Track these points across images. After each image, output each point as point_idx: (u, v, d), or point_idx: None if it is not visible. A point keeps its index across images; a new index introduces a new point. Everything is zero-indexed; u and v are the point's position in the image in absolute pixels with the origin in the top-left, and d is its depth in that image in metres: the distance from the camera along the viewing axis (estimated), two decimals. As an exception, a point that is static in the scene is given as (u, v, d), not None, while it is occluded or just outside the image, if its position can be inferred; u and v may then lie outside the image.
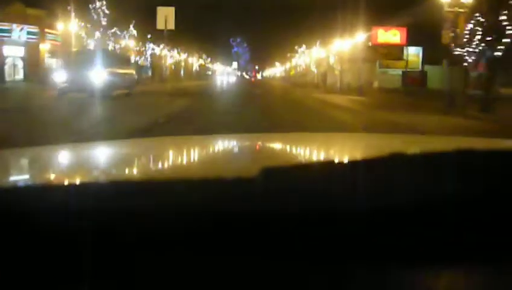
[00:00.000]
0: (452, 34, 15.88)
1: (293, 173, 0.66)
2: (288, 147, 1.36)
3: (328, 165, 0.74)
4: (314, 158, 1.19)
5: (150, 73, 47.09)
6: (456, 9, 14.89)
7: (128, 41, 36.47)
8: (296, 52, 66.32)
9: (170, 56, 54.27)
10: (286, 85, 48.48)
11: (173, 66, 59.06)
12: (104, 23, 29.81)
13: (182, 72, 68.35)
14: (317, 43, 48.06)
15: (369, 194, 0.63)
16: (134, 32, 36.39)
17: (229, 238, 0.61)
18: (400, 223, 0.63)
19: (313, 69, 52.33)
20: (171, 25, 21.29)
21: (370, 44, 33.31)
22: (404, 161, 0.67)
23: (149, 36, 40.88)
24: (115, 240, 0.60)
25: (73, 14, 26.74)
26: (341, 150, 1.36)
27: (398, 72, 38.06)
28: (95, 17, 29.27)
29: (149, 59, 45.50)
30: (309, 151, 1.31)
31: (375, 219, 0.62)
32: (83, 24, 28.38)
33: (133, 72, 20.39)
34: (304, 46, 59.18)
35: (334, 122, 10.88)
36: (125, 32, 35.06)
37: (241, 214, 0.61)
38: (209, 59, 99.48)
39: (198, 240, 0.61)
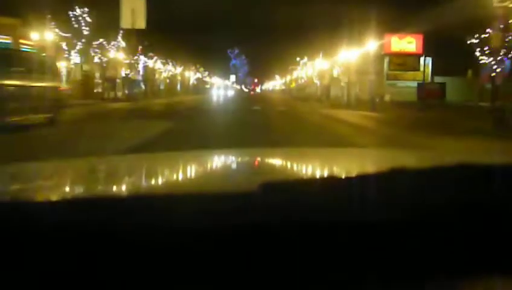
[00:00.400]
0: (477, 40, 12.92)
1: (292, 187, 0.68)
2: (287, 162, 1.37)
3: (328, 179, 0.75)
4: (313, 173, 1.20)
5: (143, 87, 44.46)
6: (509, 3, 11.83)
7: (117, 53, 33.51)
8: (298, 64, 63.52)
9: (164, 69, 51.67)
10: (287, 99, 45.77)
11: (168, 80, 56.40)
12: (86, 32, 26.53)
13: (178, 86, 65.99)
14: (320, 54, 45.25)
15: (368, 207, 0.64)
16: (123, 43, 33.31)
17: (227, 251, 0.62)
18: (401, 236, 0.63)
19: (316, 81, 49.62)
20: (141, 23, 15.07)
21: (382, 53, 30.37)
22: (404, 174, 0.69)
23: (140, 48, 38.02)
24: (112, 254, 0.60)
25: (51, 23, 23.93)
26: (341, 165, 1.35)
27: (408, 84, 35.62)
28: (76, 26, 26.02)
29: (141, 72, 42.70)
30: (308, 165, 1.32)
31: (376, 231, 0.63)
32: (63, 34, 25.32)
33: (57, 84, 11.96)
34: (305, 57, 56.36)
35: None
36: (112, 44, 32.04)
37: (240, 227, 0.62)
38: (206, 72, 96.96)
39: (197, 252, 0.61)
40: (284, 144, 8.07)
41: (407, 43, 30.50)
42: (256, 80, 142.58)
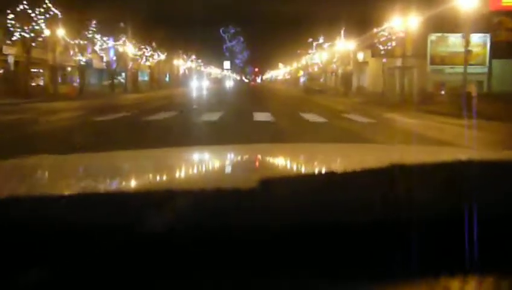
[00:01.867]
0: None
1: (292, 185, 0.68)
2: (288, 158, 1.35)
3: (330, 176, 0.75)
4: (314, 169, 1.19)
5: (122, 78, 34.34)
6: None
7: (54, 28, 22.70)
8: (309, 47, 52.75)
9: (141, 56, 40.88)
10: (299, 92, 35.47)
11: (149, 70, 45.78)
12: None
13: (167, 77, 55.51)
14: (342, 33, 34.76)
15: (370, 205, 0.62)
16: (57, 12, 22.24)
17: (226, 250, 0.61)
18: (403, 235, 0.62)
19: (335, 68, 39.30)
20: None
21: (485, 12, 19.56)
22: (405, 172, 0.67)
23: (94, 22, 27.32)
24: (106, 253, 0.60)
25: None
26: (343, 161, 1.33)
27: (457, 69, 26.16)
28: None
29: (105, 59, 32.16)
30: (309, 162, 1.31)
31: (377, 231, 0.61)
32: None
33: None
34: (321, 37, 45.56)
35: None
36: (38, 11, 21.25)
37: (240, 226, 0.61)
38: (199, 60, 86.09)
39: (195, 251, 0.61)
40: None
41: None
42: (256, 69, 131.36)
